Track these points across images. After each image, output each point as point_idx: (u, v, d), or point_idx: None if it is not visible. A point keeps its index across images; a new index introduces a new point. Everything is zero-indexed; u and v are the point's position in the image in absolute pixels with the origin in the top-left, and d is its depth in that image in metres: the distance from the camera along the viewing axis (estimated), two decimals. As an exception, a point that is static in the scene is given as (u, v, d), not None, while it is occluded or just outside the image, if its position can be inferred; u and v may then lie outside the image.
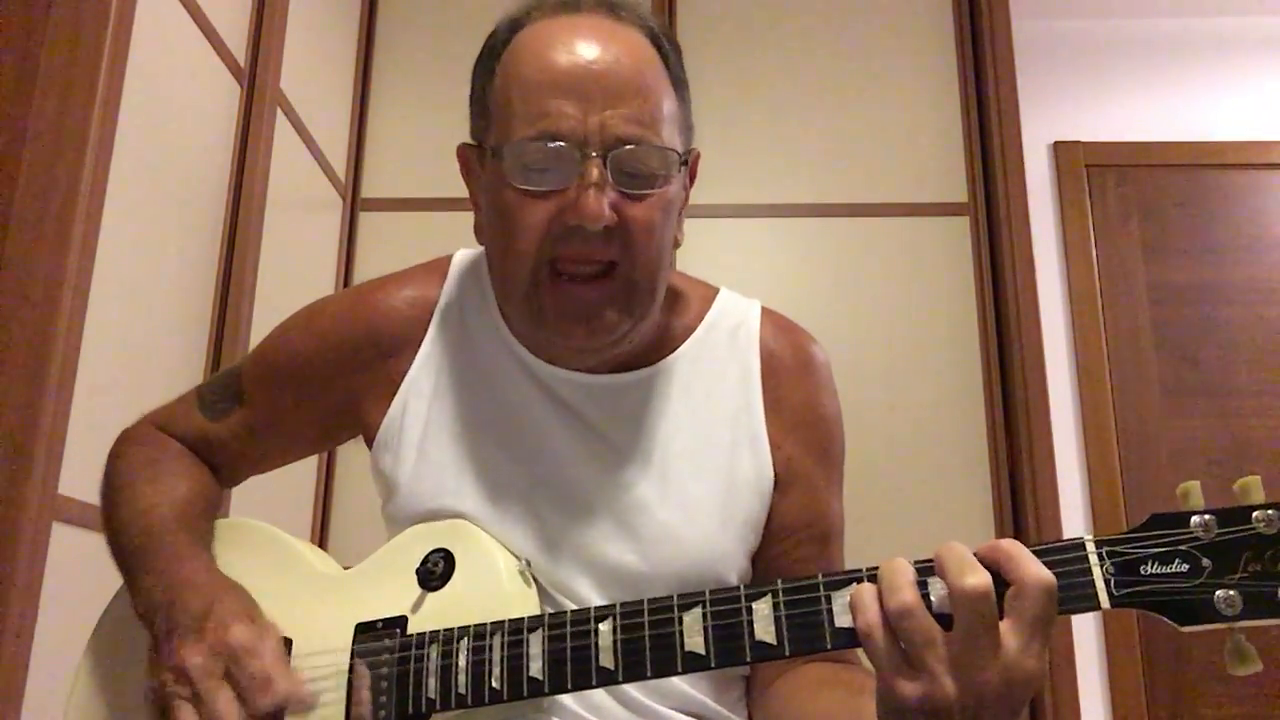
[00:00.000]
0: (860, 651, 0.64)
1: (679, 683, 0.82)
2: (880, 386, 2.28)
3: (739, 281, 0.98)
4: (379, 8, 2.58)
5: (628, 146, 0.77)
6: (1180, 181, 2.80)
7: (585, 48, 0.78)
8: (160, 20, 1.58)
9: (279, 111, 1.97)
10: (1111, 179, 2.81)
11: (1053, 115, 2.84)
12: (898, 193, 2.41)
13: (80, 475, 1.32)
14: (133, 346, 1.51)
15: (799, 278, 2.38)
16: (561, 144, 0.76)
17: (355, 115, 2.47)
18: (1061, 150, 2.84)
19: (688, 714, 0.82)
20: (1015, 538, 2.14)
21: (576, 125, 0.76)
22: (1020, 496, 2.18)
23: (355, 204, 2.43)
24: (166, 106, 1.60)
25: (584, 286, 0.79)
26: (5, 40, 1.38)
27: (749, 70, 2.50)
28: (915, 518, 2.19)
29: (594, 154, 0.76)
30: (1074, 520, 2.52)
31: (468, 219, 0.89)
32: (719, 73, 2.50)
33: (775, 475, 0.86)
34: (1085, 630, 2.48)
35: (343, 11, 2.43)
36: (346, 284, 2.39)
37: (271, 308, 1.91)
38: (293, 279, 2.08)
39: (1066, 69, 2.90)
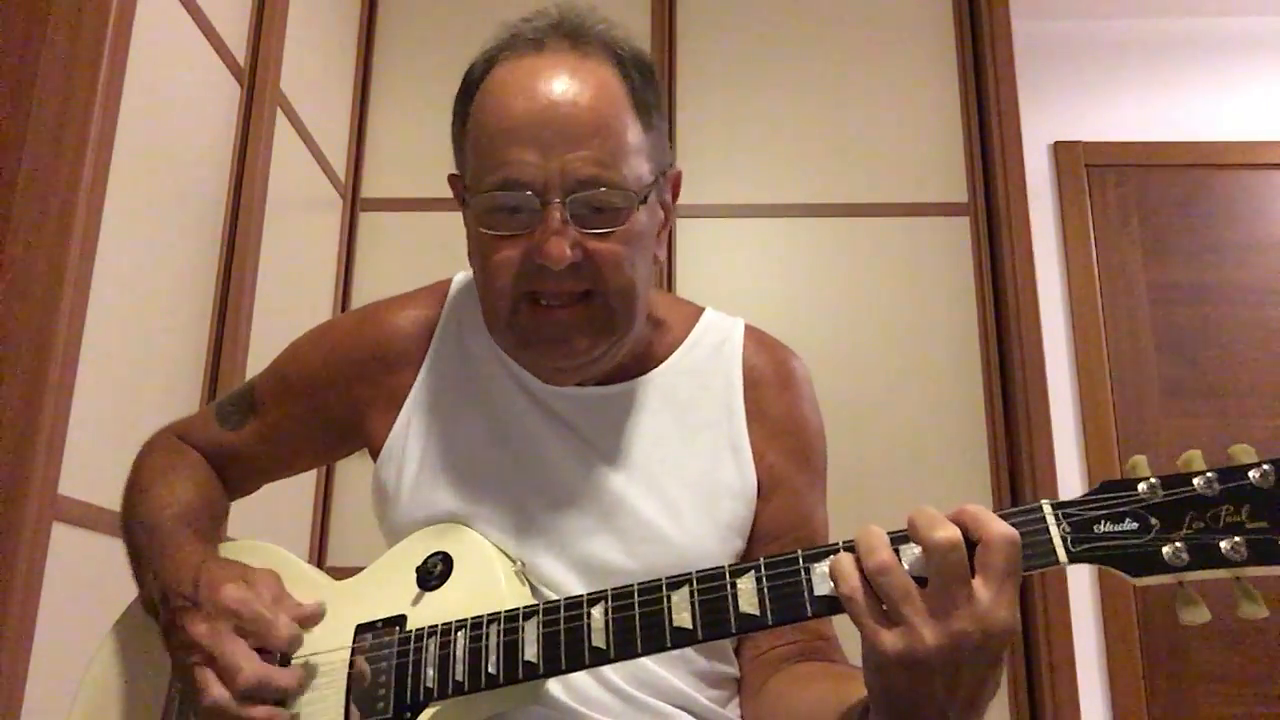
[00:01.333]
0: (847, 652, 0.65)
1: (669, 677, 0.85)
2: (880, 386, 2.28)
3: (738, 281, 1.00)
4: (379, 8, 2.58)
5: (588, 191, 0.80)
6: (1180, 181, 2.80)
7: (545, 92, 0.81)
8: (160, 20, 1.58)
9: (279, 111, 1.97)
10: (1111, 179, 2.81)
11: (1053, 115, 2.84)
12: (898, 193, 2.41)
13: (80, 475, 1.32)
14: (133, 346, 1.51)
15: (799, 278, 2.38)
16: (524, 191, 0.80)
17: (355, 115, 2.47)
18: (1061, 150, 2.84)
19: (676, 706, 0.84)
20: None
21: (537, 172, 0.79)
22: (1020, 496, 2.18)
23: (355, 204, 2.44)
24: (166, 106, 1.61)
25: (561, 311, 0.83)
26: (5, 40, 1.38)
27: (749, 70, 2.50)
28: (915, 518, 2.18)
29: (555, 199, 0.79)
30: (1074, 520, 2.51)
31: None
32: (719, 73, 2.50)
33: (759, 481, 0.90)
34: (1085, 630, 2.48)
35: (343, 11, 2.43)
36: (346, 284, 2.39)
37: (271, 307, 1.91)
38: (293, 279, 2.08)
39: (1066, 69, 2.90)
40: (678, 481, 0.88)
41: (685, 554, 0.85)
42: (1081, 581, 2.52)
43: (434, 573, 0.82)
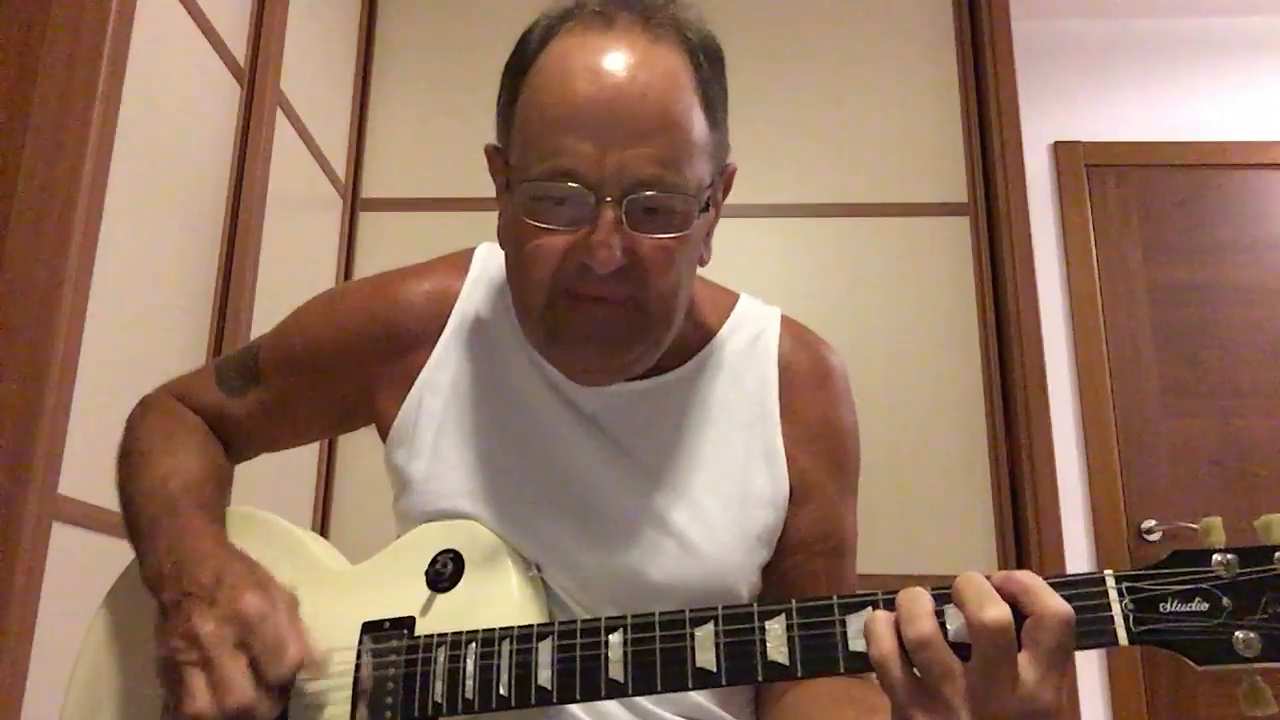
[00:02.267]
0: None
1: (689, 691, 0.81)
2: (880, 387, 2.28)
3: (739, 282, 0.98)
4: (379, 8, 2.58)
5: (647, 192, 0.73)
6: (1180, 181, 2.80)
7: (610, 77, 0.73)
8: (160, 20, 1.58)
9: (279, 111, 1.97)
10: (1111, 179, 2.81)
11: (1053, 115, 2.84)
12: (898, 193, 2.41)
13: (80, 475, 1.32)
14: (133, 346, 1.51)
15: (799, 278, 2.38)
16: (575, 185, 0.73)
17: (355, 115, 2.47)
18: (1061, 150, 2.84)
19: (692, 719, 0.82)
20: (1015, 538, 2.11)
21: (593, 166, 0.72)
22: (1020, 497, 2.18)
23: (355, 204, 2.43)
24: (166, 106, 1.61)
25: (599, 306, 0.77)
26: (5, 40, 1.38)
27: (749, 71, 2.50)
28: (915, 518, 2.19)
29: (609, 197, 0.73)
30: (1074, 521, 2.52)
31: (468, 219, 0.89)
32: (719, 73, 2.50)
33: (790, 488, 0.85)
34: (1085, 630, 2.48)
35: (343, 11, 2.43)
36: (346, 284, 2.39)
37: (271, 308, 1.91)
38: (293, 279, 2.08)
39: (1066, 69, 2.90)
40: (708, 489, 0.83)
41: (712, 565, 0.81)
42: (1081, 581, 2.51)
43: (444, 573, 0.78)
